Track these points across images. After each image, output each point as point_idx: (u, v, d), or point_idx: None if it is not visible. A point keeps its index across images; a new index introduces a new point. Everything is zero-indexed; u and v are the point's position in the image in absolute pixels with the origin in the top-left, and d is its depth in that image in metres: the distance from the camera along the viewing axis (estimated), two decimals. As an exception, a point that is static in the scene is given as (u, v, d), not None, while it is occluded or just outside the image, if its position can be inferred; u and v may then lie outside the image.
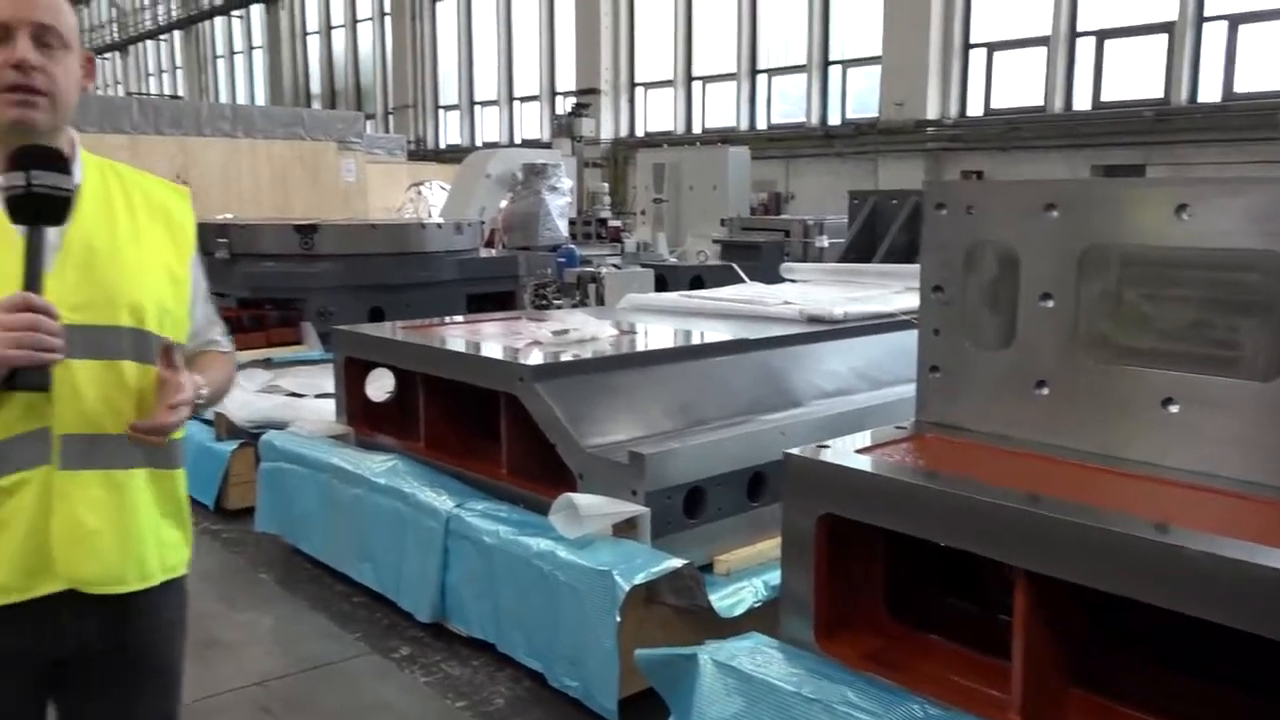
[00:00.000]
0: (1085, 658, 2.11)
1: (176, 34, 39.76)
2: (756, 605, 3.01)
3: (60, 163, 1.48)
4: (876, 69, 16.73)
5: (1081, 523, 1.84)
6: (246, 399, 5.26)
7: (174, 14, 38.68)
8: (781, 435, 3.42)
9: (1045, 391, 2.32)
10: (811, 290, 5.44)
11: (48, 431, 1.52)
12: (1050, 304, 2.30)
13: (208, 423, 5.07)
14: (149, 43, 42.71)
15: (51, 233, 1.52)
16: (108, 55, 45.91)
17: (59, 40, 1.53)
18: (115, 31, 43.91)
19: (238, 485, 4.85)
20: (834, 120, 17.95)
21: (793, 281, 6.04)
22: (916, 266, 5.88)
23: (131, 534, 1.60)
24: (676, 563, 2.87)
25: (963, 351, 2.45)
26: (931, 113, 15.74)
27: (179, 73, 40.64)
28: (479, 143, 25.37)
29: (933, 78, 15.66)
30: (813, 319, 4.49)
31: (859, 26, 17.47)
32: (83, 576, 1.56)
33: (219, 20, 37.34)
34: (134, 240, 1.63)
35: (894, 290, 5.36)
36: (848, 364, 4.26)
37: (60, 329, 1.44)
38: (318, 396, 5.45)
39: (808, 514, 2.27)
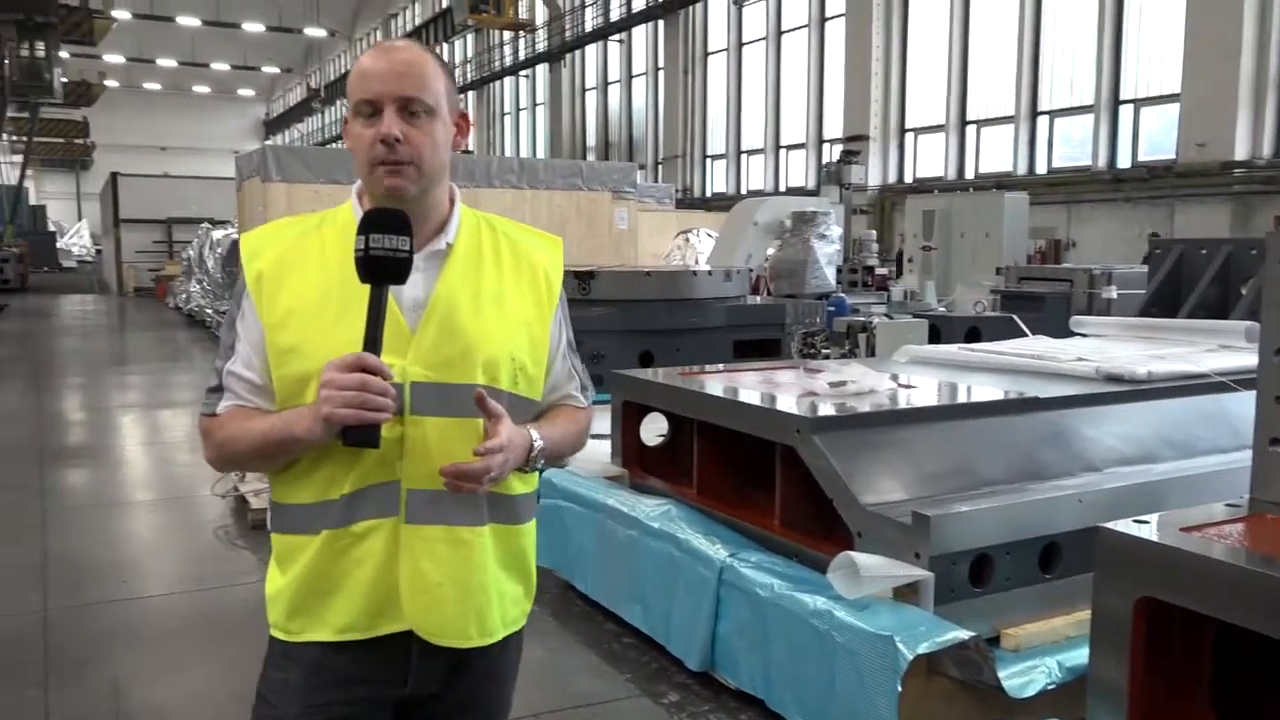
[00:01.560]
0: None
1: (470, 94, 43.17)
2: (1050, 687, 2.79)
3: (401, 225, 1.51)
4: (1174, 107, 15.50)
5: None
6: (527, 436, 5.51)
7: (470, 76, 42.06)
8: (1079, 503, 3.17)
9: None
10: (1108, 346, 5.04)
11: (397, 485, 1.57)
12: None
13: (492, 457, 5.36)
14: (447, 103, 46.54)
15: (419, 290, 1.59)
16: (410, 115, 50.34)
17: (425, 109, 1.58)
18: (418, 94, 48.22)
19: (517, 519, 5.08)
20: (1123, 163, 16.77)
21: (1084, 336, 5.63)
22: (1230, 323, 5.37)
23: (473, 590, 1.63)
24: (963, 634, 2.71)
25: (1312, 423, 2.16)
26: (1240, 153, 14.35)
27: (471, 129, 44.03)
28: (745, 190, 25.71)
29: (1242, 114, 14.29)
30: (1111, 377, 4.15)
31: (1154, 62, 16.29)
32: (425, 627, 1.61)
33: (508, 80, 40.22)
34: (497, 299, 1.66)
35: (1204, 349, 4.87)
36: (1152, 428, 3.91)
37: (388, 389, 1.47)
38: (592, 437, 5.63)
39: (1123, 596, 2.07)
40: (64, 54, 29.34)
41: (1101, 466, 3.60)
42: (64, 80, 28.62)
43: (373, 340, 1.49)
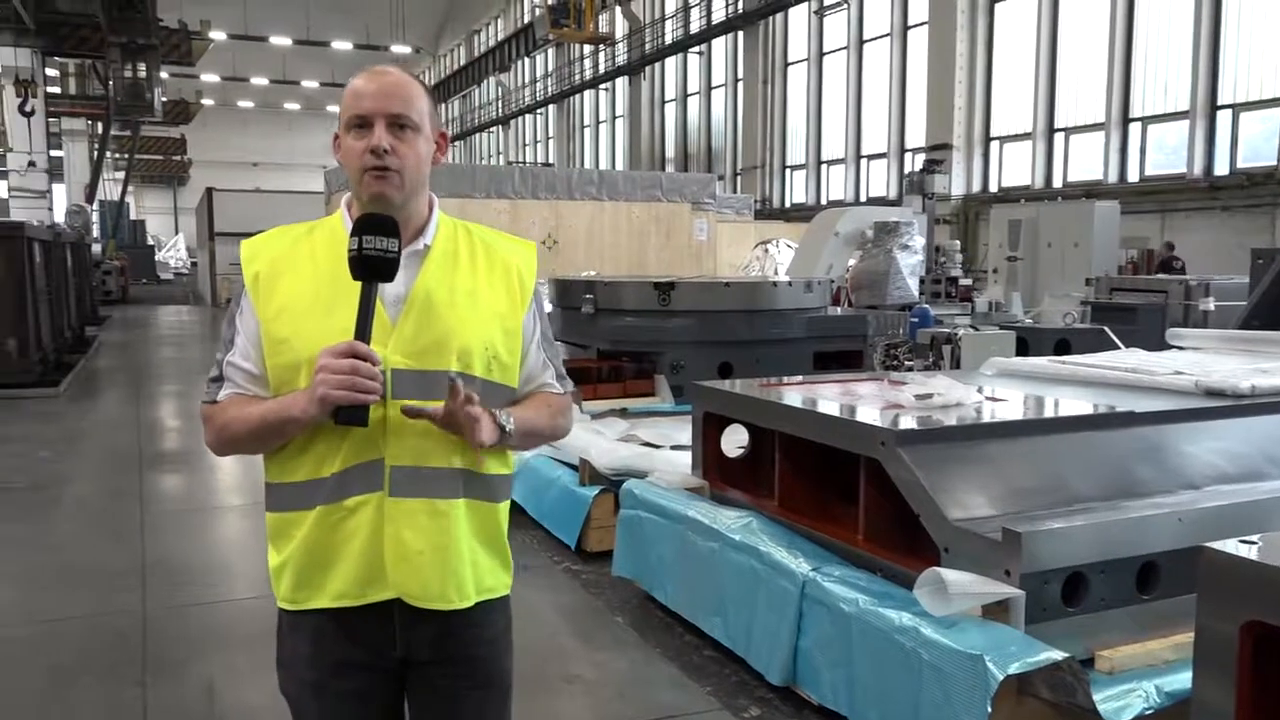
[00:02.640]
0: None
1: (551, 107, 43.67)
2: (1147, 712, 2.69)
3: (390, 229, 1.67)
4: (1275, 112, 14.95)
5: None
6: (608, 447, 5.54)
7: (550, 89, 42.56)
8: (1179, 522, 3.06)
9: None
10: (1206, 359, 4.87)
11: (382, 462, 1.72)
12: None
13: (573, 468, 5.41)
14: (527, 116, 47.28)
15: (400, 287, 1.74)
16: (492, 129, 51.26)
17: (411, 124, 1.74)
18: (500, 108, 49.03)
19: (597, 529, 5.10)
20: (1220, 170, 16.20)
21: (1181, 349, 5.45)
22: (1339, 336, 5.11)
23: (450, 556, 1.77)
24: (1057, 655, 2.63)
25: None
26: (1347, 159, 13.77)
27: (551, 142, 44.56)
28: (824, 201, 25.50)
29: (1350, 119, 13.72)
30: (1211, 392, 4.01)
31: (1254, 65, 15.73)
32: (408, 591, 1.75)
33: (588, 93, 40.59)
34: (471, 293, 1.80)
35: (1311, 362, 4.68)
36: (1256, 445, 3.75)
37: (376, 373, 1.63)
38: (673, 448, 5.63)
39: (1229, 620, 1.98)
40: (164, 74, 30.48)
41: (1201, 484, 3.47)
42: (163, 99, 29.73)
43: (363, 331, 1.65)
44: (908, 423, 3.47)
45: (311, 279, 1.77)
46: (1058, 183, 19.12)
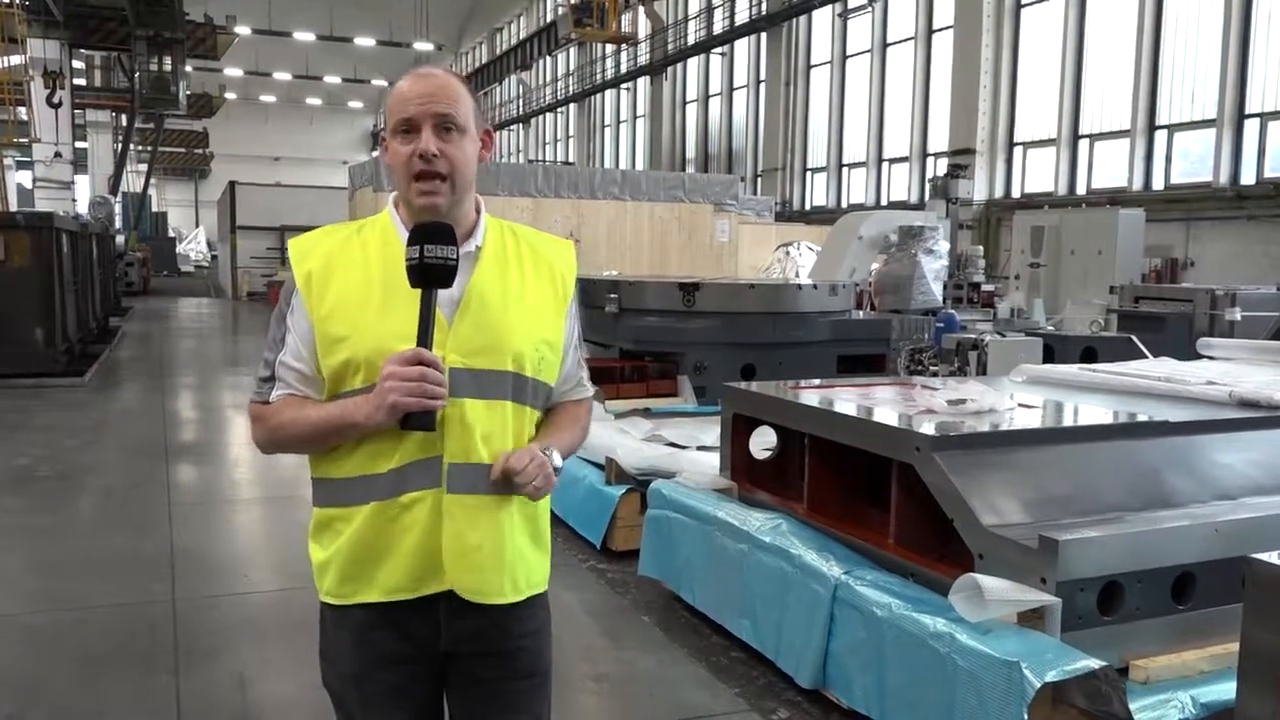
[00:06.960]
0: None
1: (572, 106, 43.72)
2: (1183, 723, 2.68)
3: (449, 236, 1.69)
4: (1305, 121, 14.81)
5: None
6: (634, 446, 5.55)
7: (571, 89, 42.62)
8: (1215, 533, 3.05)
9: None
10: (1239, 370, 4.84)
11: (439, 459, 1.74)
12: None
13: (599, 466, 5.42)
14: (548, 115, 47.36)
15: (454, 289, 1.75)
16: (513, 127, 51.38)
17: (457, 126, 1.76)
18: (520, 106, 49.12)
19: (623, 528, 5.11)
20: (1247, 179, 16.07)
21: (1212, 359, 5.42)
22: (1372, 348, 5.08)
23: (506, 551, 1.80)
24: (1094, 663, 2.62)
25: None
26: (1377, 169, 13.63)
27: (571, 141, 44.59)
28: (845, 204, 25.44)
29: (1380, 129, 13.57)
30: (1245, 403, 3.99)
31: (1283, 74, 15.60)
32: (465, 586, 1.77)
33: (609, 93, 40.62)
34: (520, 295, 1.83)
35: (1345, 374, 4.64)
36: (1291, 457, 3.73)
37: (443, 379, 1.66)
38: (698, 449, 5.64)
39: (1275, 631, 1.98)
40: (188, 68, 30.65)
41: (1236, 495, 3.45)
42: (188, 93, 29.89)
43: (425, 337, 1.67)
44: (942, 428, 3.47)
45: (363, 278, 1.77)
46: (1081, 189, 19.00)
